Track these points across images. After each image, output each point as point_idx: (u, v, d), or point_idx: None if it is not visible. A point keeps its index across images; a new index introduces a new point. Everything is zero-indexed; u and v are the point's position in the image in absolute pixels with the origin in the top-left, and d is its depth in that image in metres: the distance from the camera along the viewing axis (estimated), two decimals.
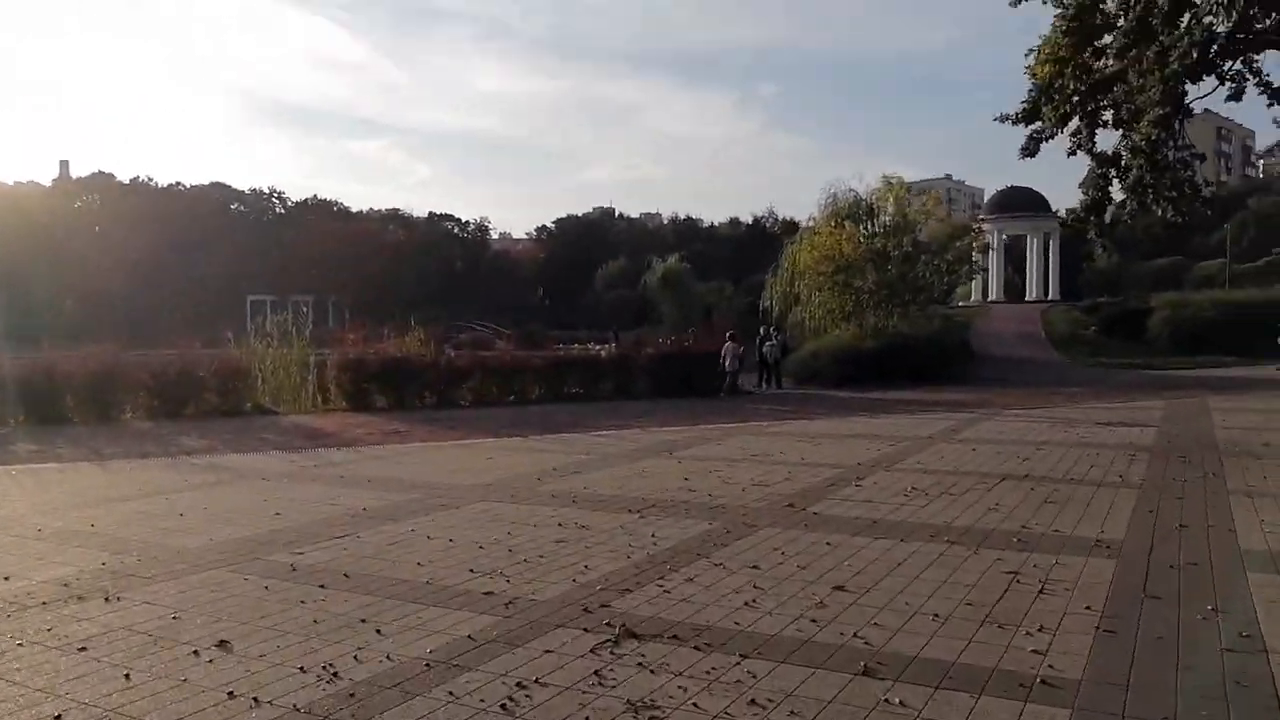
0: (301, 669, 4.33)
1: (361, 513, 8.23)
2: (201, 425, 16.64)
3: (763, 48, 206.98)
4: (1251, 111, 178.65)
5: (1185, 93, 13.98)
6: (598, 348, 27.35)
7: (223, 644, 4.71)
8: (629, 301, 74.12)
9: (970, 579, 5.71)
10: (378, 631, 4.85)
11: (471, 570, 6.12)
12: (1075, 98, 13.61)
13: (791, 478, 9.67)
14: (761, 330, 27.75)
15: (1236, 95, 15.11)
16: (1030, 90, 16.82)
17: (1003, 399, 19.44)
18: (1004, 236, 54.72)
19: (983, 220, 52.91)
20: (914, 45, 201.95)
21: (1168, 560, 6.09)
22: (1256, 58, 15.06)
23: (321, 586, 5.79)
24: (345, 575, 6.06)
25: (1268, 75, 15.13)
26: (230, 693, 4.05)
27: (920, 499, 8.36)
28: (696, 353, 23.27)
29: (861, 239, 30.56)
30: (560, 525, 7.50)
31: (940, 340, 27.90)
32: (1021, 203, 54.30)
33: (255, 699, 3.98)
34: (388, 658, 4.46)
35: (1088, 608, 5.06)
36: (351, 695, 4.01)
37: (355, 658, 4.47)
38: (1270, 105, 19.26)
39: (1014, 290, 60.20)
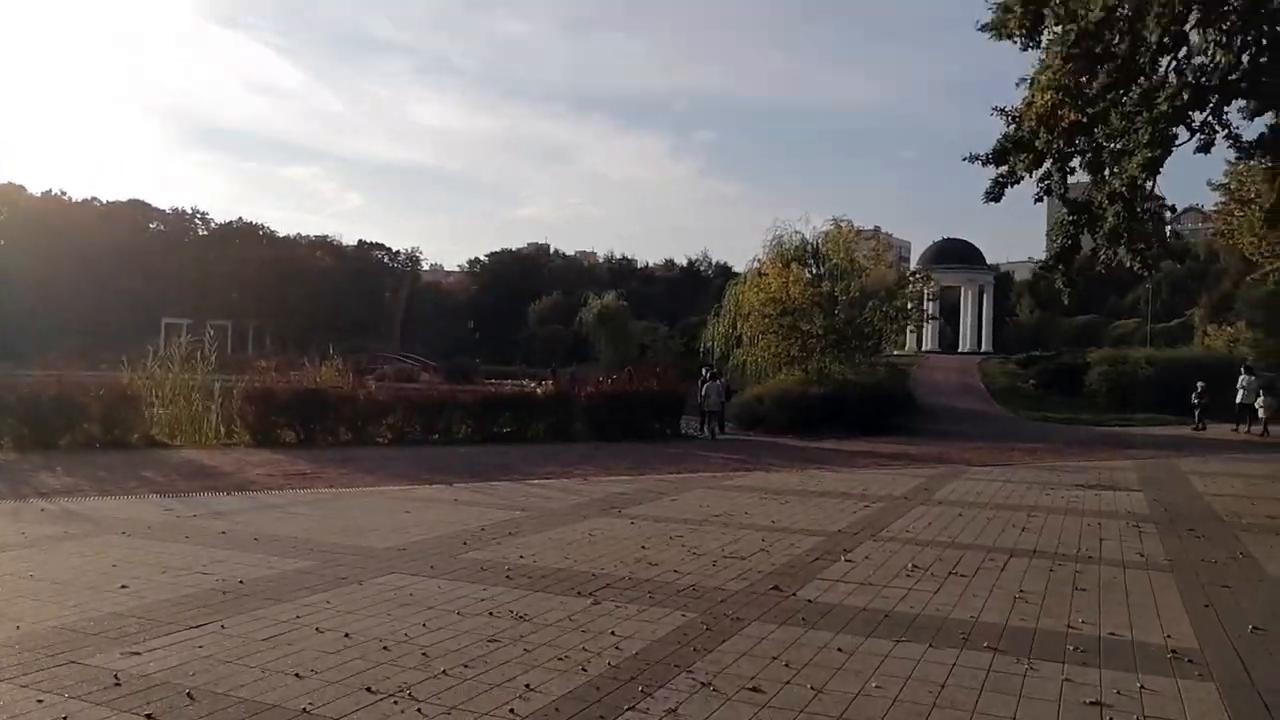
0: None
1: (237, 587, 6.46)
2: (76, 460, 14.43)
3: (699, 95, 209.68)
4: (1172, 180, 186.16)
5: (1175, 135, 13.22)
6: (532, 384, 25.66)
7: None
8: (563, 338, 72.58)
9: (1045, 713, 4.28)
10: None
11: (369, 690, 4.45)
12: (1058, 139, 12.67)
13: (768, 548, 8.20)
14: (704, 373, 26.47)
15: (1205, 147, 14.46)
16: (1010, 127, 16.03)
17: (963, 454, 18.40)
18: (938, 288, 54.93)
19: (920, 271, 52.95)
20: (845, 100, 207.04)
21: (1275, 684, 4.77)
22: (1226, 109, 14.51)
23: (147, 718, 4.06)
24: (189, 695, 4.33)
25: (1236, 128, 14.58)
26: None
27: (928, 581, 6.96)
28: (639, 393, 21.78)
29: (808, 282, 29.69)
30: (492, 614, 5.87)
31: (887, 389, 26.98)
32: (957, 254, 54.75)
33: None
34: None
35: None
36: None
37: None
38: (1239, 159, 19.05)
39: (947, 342, 60.58)
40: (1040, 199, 17.00)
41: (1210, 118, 14.23)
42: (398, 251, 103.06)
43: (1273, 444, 21.74)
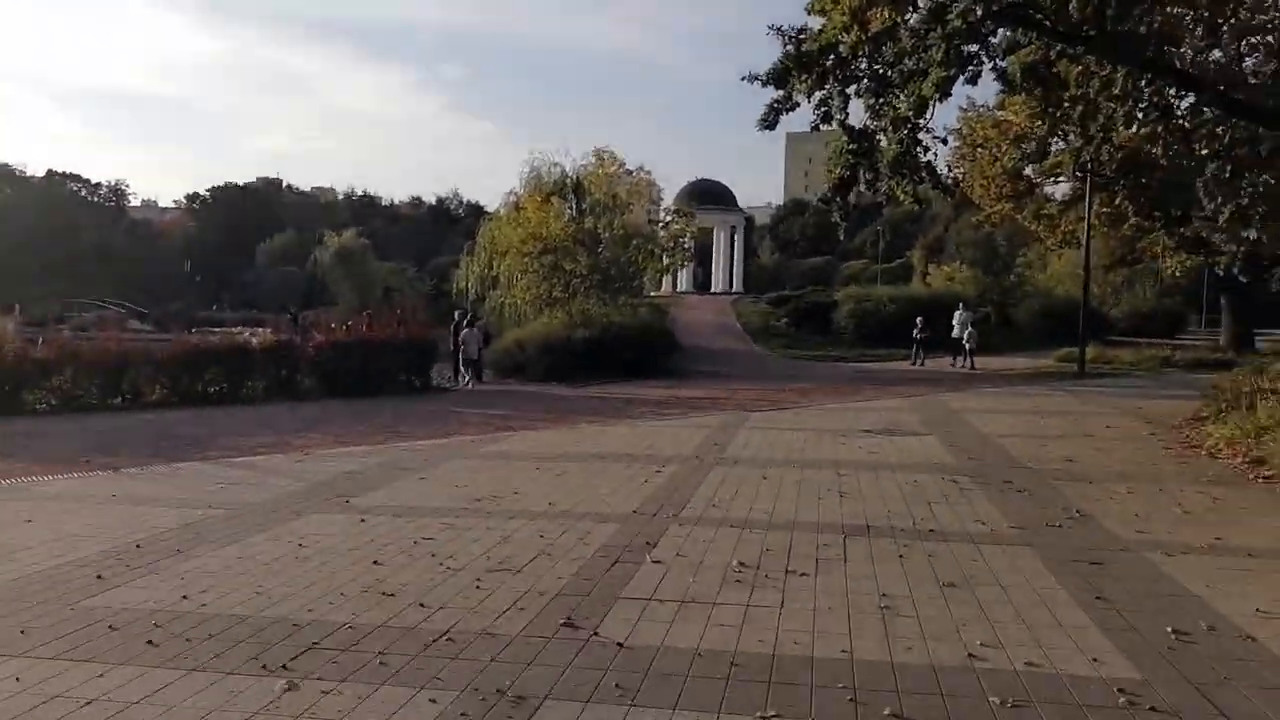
0: None
1: None
2: None
3: (448, 29, 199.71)
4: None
5: (971, 55, 12.39)
6: (248, 333, 21.72)
7: None
8: (297, 280, 66.16)
9: None
10: None
11: None
12: (864, 46, 11.34)
13: (550, 548, 6.15)
14: (456, 316, 23.89)
15: (973, 79, 13.94)
16: (789, 46, 14.71)
17: (736, 396, 17.39)
18: (696, 227, 55.21)
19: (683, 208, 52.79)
20: (595, 41, 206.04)
21: None
22: (993, 39, 14.03)
23: None
24: None
25: (1001, 61, 14.18)
26: None
27: (765, 590, 5.24)
28: (381, 341, 18.85)
29: (571, 218, 27.73)
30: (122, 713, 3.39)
31: (653, 331, 25.72)
32: (711, 196, 55.09)
33: None
34: None
35: None
36: None
37: None
38: (1001, 92, 19.09)
39: (699, 283, 61.43)
40: (817, 126, 15.97)
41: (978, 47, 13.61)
42: (98, 184, 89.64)
43: (984, 375, 22.72)
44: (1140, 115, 19.32)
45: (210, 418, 14.44)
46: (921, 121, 14.41)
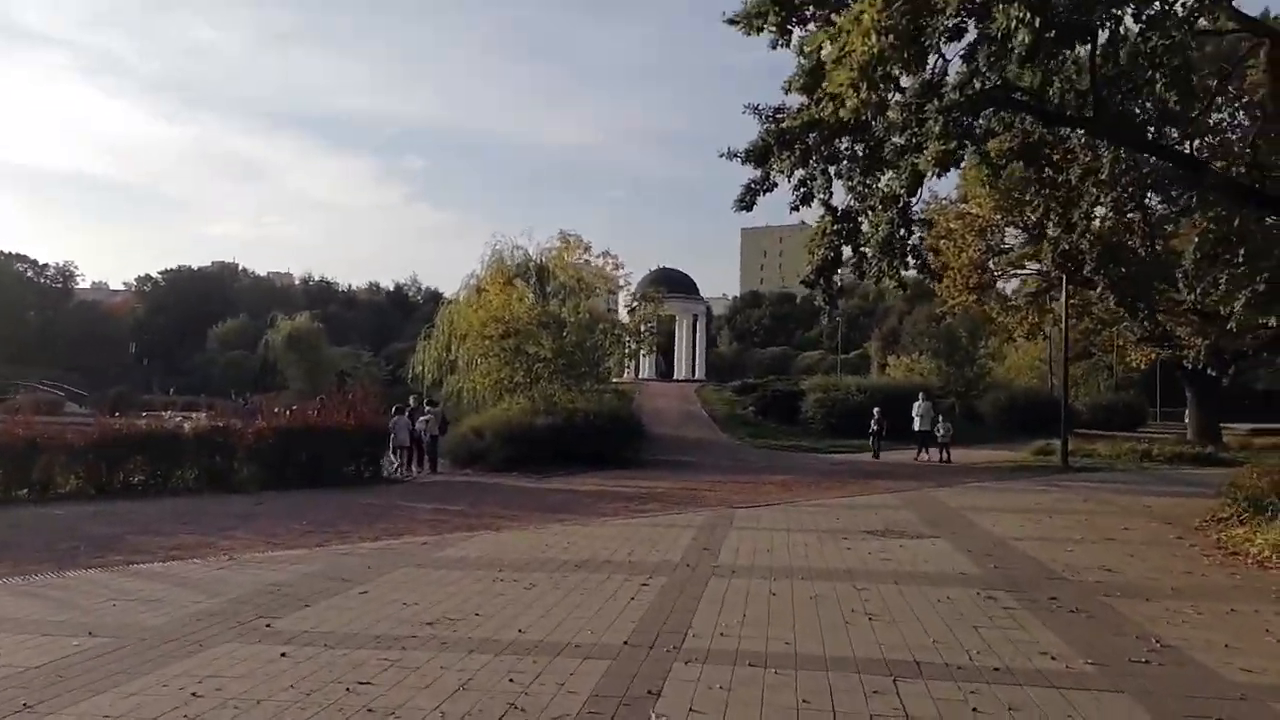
0: None
1: None
2: None
3: (411, 122, 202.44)
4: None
5: (972, 125, 11.69)
6: (179, 418, 19.97)
7: None
8: (248, 364, 64.05)
9: None
10: None
11: None
12: (868, 109, 10.53)
13: (524, 703, 4.73)
14: (412, 401, 22.43)
15: (956, 162, 13.29)
16: (767, 124, 14.06)
17: (715, 490, 16.08)
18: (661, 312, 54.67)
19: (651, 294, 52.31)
20: (555, 138, 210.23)
21: None
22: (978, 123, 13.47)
23: None
24: None
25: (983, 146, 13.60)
26: None
27: None
28: (326, 428, 17.32)
29: (534, 301, 26.67)
30: None
31: (620, 418, 24.37)
32: (674, 283, 54.47)
33: None
34: None
35: None
36: None
37: None
38: (959, 188, 18.47)
39: (661, 370, 60.54)
40: (797, 207, 15.21)
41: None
42: (45, 265, 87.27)
43: (963, 469, 21.77)
44: (1123, 202, 19.07)
45: (127, 513, 12.75)
46: (912, 200, 13.73)
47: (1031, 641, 6.05)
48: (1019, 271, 32.07)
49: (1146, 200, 21.84)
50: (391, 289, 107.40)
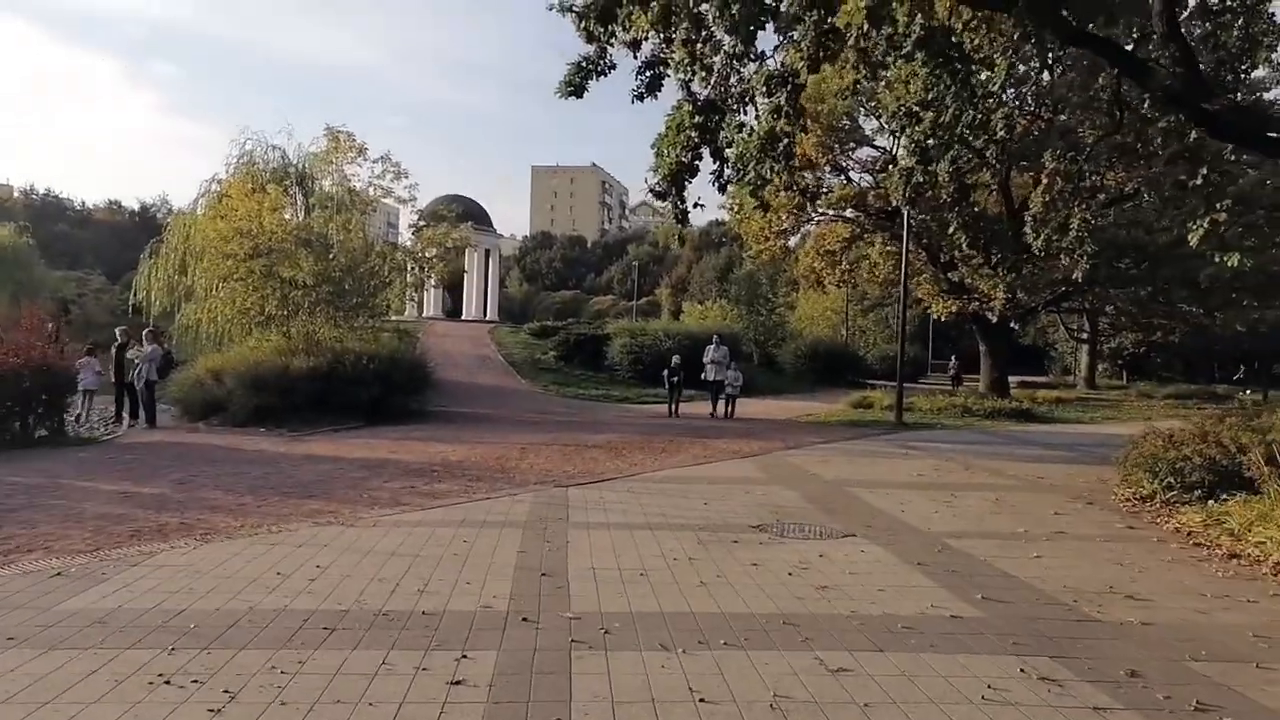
0: None
1: None
2: None
3: (161, 23, 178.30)
4: (629, 169, 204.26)
5: None
6: None
7: None
8: None
9: None
10: None
11: None
12: None
13: None
14: (119, 335, 17.08)
15: None
16: None
17: (527, 457, 12.52)
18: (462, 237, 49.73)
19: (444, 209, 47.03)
20: (321, 47, 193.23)
21: None
22: None
23: None
24: None
25: None
26: None
27: None
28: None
29: (294, 213, 21.58)
30: None
31: (401, 361, 20.03)
32: (467, 213, 49.67)
33: None
34: None
35: None
36: None
37: None
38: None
39: (447, 308, 55.68)
40: (641, 96, 11.69)
41: None
42: None
43: (788, 424, 19.65)
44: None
45: None
46: (802, 80, 10.58)
47: None
48: (839, 215, 30.37)
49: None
50: (136, 208, 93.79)
